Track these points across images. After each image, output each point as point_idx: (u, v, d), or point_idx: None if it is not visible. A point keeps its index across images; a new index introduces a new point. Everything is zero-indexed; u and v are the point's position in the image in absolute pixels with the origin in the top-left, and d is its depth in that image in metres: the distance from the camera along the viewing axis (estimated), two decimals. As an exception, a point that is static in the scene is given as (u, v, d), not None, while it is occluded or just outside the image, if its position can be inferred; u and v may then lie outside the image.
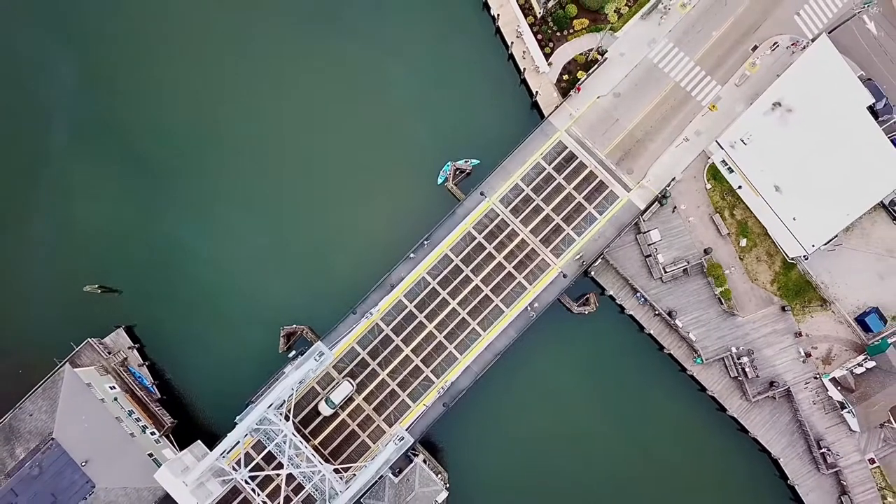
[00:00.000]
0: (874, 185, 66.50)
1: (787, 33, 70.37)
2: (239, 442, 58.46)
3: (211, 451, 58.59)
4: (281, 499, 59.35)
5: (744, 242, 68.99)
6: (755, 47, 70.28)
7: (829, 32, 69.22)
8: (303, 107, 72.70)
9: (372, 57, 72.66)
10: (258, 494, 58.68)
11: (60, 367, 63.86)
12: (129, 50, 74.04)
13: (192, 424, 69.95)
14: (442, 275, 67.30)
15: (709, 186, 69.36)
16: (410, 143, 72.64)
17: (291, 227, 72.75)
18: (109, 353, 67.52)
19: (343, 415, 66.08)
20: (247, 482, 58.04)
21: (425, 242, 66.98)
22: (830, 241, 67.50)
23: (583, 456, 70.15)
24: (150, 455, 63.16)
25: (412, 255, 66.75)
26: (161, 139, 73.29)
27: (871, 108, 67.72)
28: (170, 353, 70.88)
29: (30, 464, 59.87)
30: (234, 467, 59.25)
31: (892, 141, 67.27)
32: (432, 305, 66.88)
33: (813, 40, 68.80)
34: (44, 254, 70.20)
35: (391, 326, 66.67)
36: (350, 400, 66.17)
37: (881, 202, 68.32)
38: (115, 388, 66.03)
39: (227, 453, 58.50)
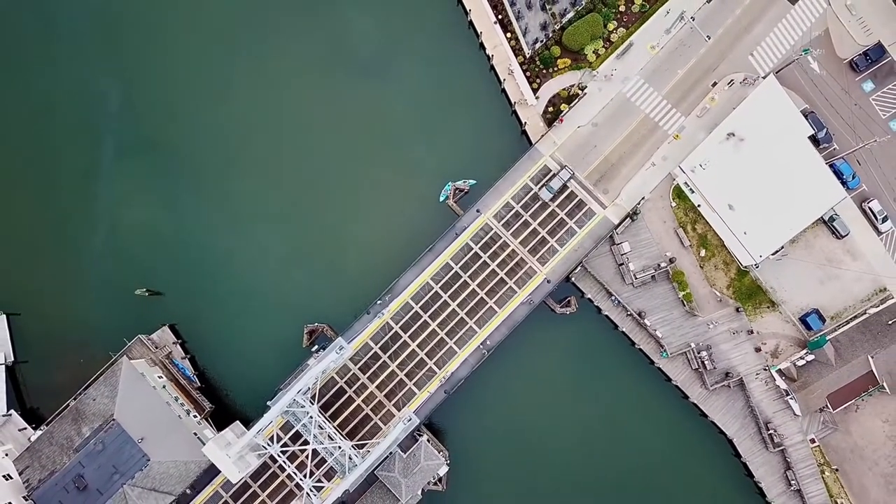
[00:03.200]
0: (814, 204, 77.30)
1: (742, 71, 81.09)
2: (271, 421, 69.20)
3: (248, 429, 69.47)
4: (307, 470, 70.21)
5: (703, 253, 79.83)
6: (714, 83, 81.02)
7: (778, 71, 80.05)
8: (325, 136, 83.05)
9: (383, 92, 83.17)
10: (289, 466, 69.44)
11: (117, 359, 74.49)
12: (167, 78, 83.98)
13: (226, 409, 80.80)
14: (443, 280, 77.95)
15: (674, 204, 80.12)
16: (416, 166, 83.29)
17: (313, 238, 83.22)
18: (157, 347, 78.33)
19: (358, 400, 76.87)
20: (279, 455, 68.76)
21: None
22: (777, 251, 78.31)
23: (564, 436, 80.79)
24: (195, 434, 73.78)
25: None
26: (195, 156, 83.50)
27: (814, 137, 78.60)
28: (207, 347, 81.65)
29: (94, 441, 70.35)
30: (267, 444, 69.84)
31: (829, 166, 78.14)
32: (435, 306, 77.52)
33: (763, 78, 79.64)
34: (100, 262, 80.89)
35: (400, 325, 77.35)
36: (364, 387, 76.98)
37: (822, 218, 78.96)
38: (162, 377, 76.79)
39: (262, 431, 69.24)
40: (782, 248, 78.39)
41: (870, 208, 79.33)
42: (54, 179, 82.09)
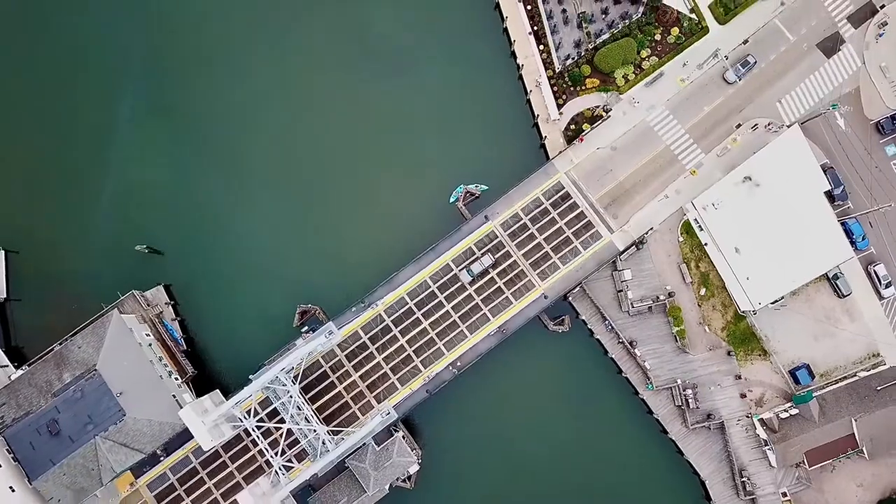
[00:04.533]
0: (821, 259, 77.06)
1: (768, 117, 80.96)
2: (251, 395, 69.30)
3: (227, 400, 69.59)
4: (280, 449, 70.27)
5: (703, 291, 79.64)
6: (738, 125, 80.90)
7: (803, 122, 79.90)
8: (344, 122, 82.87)
9: (408, 85, 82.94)
10: (261, 441, 69.48)
11: (108, 310, 74.63)
12: (194, 46, 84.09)
13: (208, 376, 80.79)
14: (442, 280, 77.90)
15: (681, 239, 79.99)
16: (431, 164, 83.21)
17: (319, 218, 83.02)
18: (149, 305, 78.48)
19: (340, 387, 76.90)
20: (254, 429, 68.84)
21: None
22: (777, 301, 78.12)
23: (538, 453, 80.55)
24: (174, 396, 73.82)
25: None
26: (213, 125, 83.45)
27: (829, 193, 78.37)
28: (199, 313, 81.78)
29: (74, 388, 70.40)
30: (243, 416, 69.87)
31: (841, 224, 77.89)
32: (429, 305, 77.49)
33: (788, 126, 79.52)
34: (107, 213, 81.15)
35: (392, 318, 77.36)
36: (347, 374, 77.02)
37: (826, 275, 78.81)
38: (149, 335, 76.86)
39: (241, 403, 69.35)
40: (782, 298, 78.19)
41: (875, 272, 79.12)
42: (73, 127, 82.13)
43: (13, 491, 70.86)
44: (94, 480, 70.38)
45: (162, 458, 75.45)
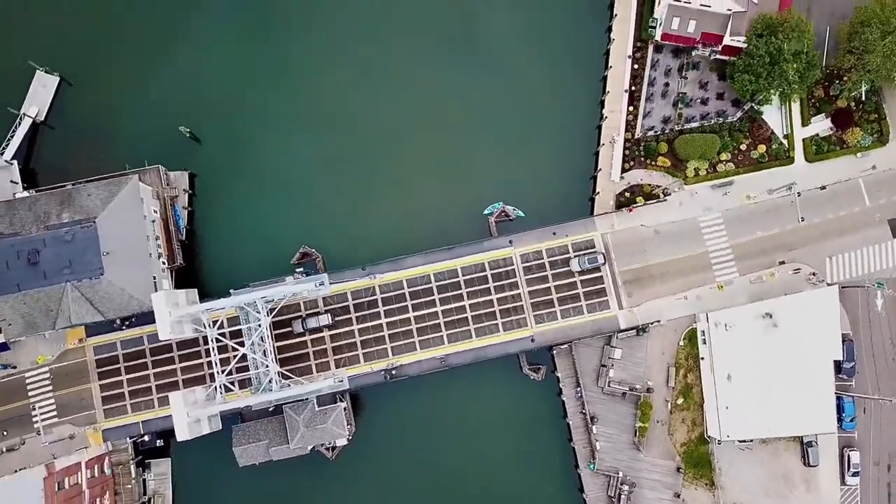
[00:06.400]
0: (803, 422, 75.68)
1: (813, 267, 79.78)
2: (224, 308, 69.49)
3: (201, 302, 69.88)
4: (229, 369, 70.43)
5: (681, 401, 78.71)
6: (782, 262, 79.84)
7: (844, 287, 78.69)
8: (416, 98, 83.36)
9: (489, 91, 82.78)
10: (214, 355, 69.65)
11: (130, 174, 75.23)
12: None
13: (193, 274, 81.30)
14: (443, 282, 77.71)
15: (681, 343, 79.11)
16: (480, 170, 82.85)
17: (356, 175, 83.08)
18: (168, 184, 79.03)
19: (307, 337, 76.95)
20: (213, 340, 69.04)
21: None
22: (745, 442, 77.02)
23: (459, 485, 79.93)
24: (154, 278, 74.16)
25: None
26: (298, 48, 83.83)
27: (838, 364, 77.02)
28: (210, 211, 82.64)
29: (67, 230, 70.94)
30: (208, 324, 70.00)
31: (837, 397, 76.53)
32: (422, 300, 77.35)
33: (827, 285, 78.37)
34: (169, 84, 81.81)
35: (382, 295, 77.26)
36: (319, 331, 77.00)
37: (801, 438, 77.57)
38: (156, 212, 77.35)
39: (211, 311, 69.55)
40: (751, 441, 77.10)
41: (849, 456, 77.73)
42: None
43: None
44: (49, 322, 70.99)
45: (120, 328, 75.98)
